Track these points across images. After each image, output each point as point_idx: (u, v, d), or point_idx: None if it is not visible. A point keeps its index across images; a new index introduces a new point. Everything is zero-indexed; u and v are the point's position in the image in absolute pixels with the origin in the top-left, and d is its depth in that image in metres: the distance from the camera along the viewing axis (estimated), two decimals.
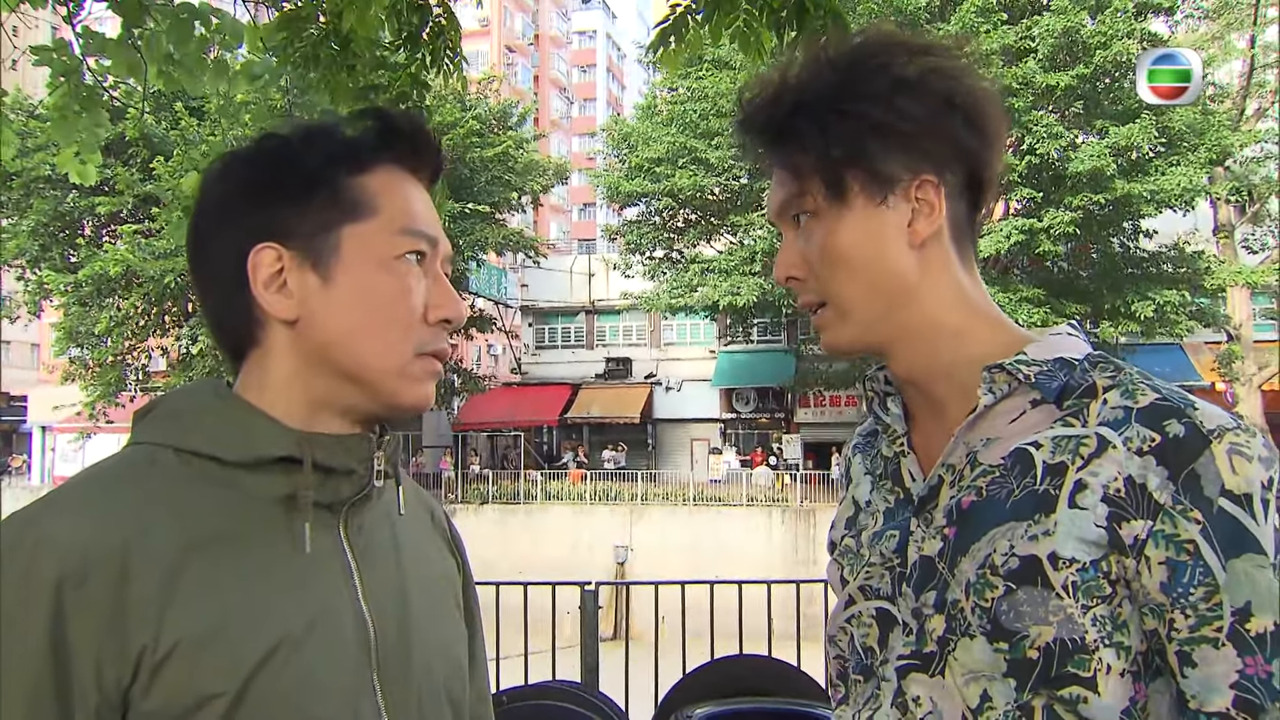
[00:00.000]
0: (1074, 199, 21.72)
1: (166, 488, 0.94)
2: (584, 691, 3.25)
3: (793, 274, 1.07)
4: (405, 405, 1.03)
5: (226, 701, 0.88)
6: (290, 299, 0.99)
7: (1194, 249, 24.44)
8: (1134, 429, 0.89)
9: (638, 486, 27.76)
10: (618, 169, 28.23)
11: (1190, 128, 22.09)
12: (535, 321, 35.99)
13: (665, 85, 28.44)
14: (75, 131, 3.71)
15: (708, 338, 33.02)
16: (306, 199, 1.00)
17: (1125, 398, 0.92)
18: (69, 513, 0.90)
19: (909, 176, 1.01)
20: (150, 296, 24.91)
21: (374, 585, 1.01)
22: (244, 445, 0.96)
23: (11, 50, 4.19)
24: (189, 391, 1.05)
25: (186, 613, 0.88)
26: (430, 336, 1.03)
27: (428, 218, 1.05)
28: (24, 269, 27.55)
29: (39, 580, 0.85)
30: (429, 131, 1.08)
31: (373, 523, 1.04)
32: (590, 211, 59.08)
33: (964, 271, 1.05)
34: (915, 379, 1.07)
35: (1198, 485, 0.85)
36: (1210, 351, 26.65)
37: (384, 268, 1.00)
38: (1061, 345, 1.00)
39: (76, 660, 0.85)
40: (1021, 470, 0.94)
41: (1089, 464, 0.90)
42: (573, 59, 62.99)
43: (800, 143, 1.02)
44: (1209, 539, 0.84)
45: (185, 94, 3.86)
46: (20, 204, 26.60)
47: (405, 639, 1.02)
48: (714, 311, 26.89)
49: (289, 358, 1.01)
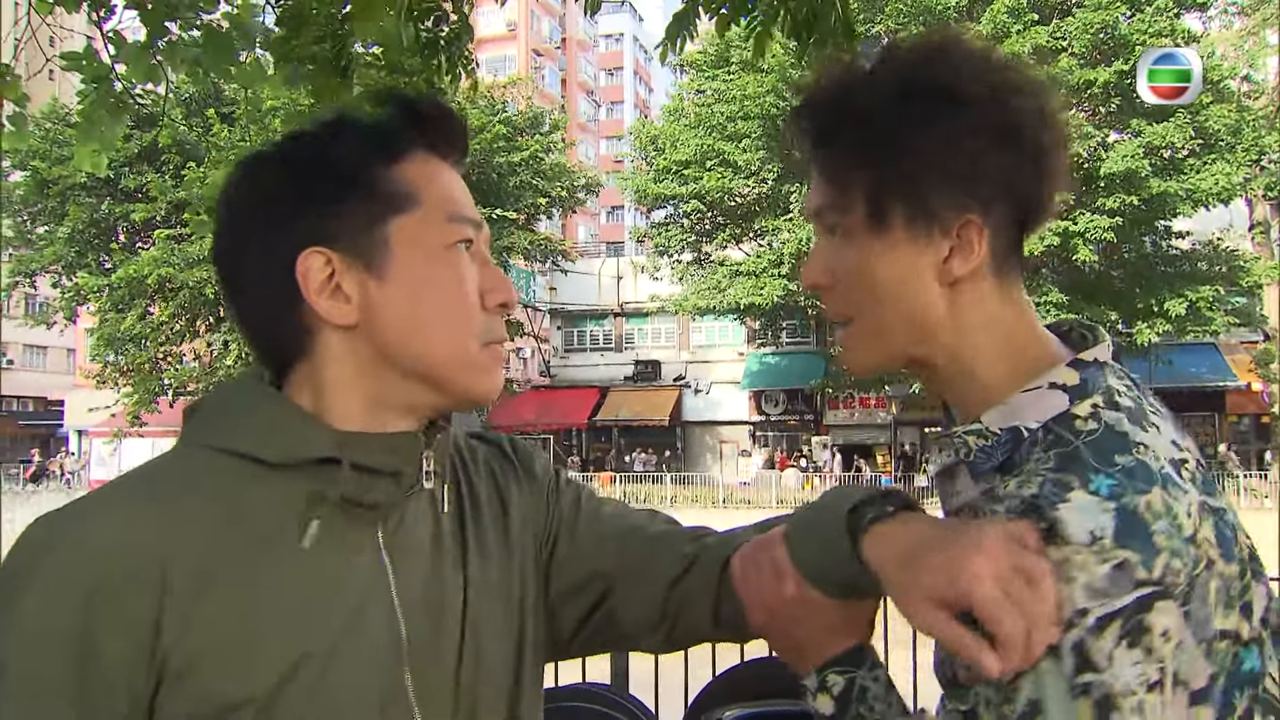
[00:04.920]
0: (1107, 200, 21.52)
1: (208, 491, 0.92)
2: (614, 694, 3.25)
3: (820, 282, 1.05)
4: (477, 396, 1.01)
5: (255, 709, 0.87)
6: (348, 303, 0.95)
7: (1229, 246, 24.13)
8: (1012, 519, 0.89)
9: (667, 489, 27.72)
10: (645, 172, 28.27)
11: (1226, 125, 21.81)
12: (564, 325, 36.07)
13: (692, 88, 28.47)
14: (96, 130, 3.76)
15: (736, 340, 32.98)
16: (343, 196, 0.96)
17: (1020, 486, 0.89)
18: (109, 515, 0.89)
19: (954, 215, 0.97)
20: (183, 302, 25.21)
21: (407, 585, 0.98)
22: (285, 446, 0.94)
23: (44, 61, 4.25)
24: (234, 390, 1.02)
25: (215, 620, 0.87)
26: (490, 324, 1.01)
27: (468, 202, 1.02)
28: (60, 275, 27.97)
29: (73, 583, 0.84)
30: (454, 112, 1.04)
31: (413, 518, 1.01)
32: (618, 214, 59.13)
33: (999, 296, 1.00)
34: (947, 400, 1.07)
35: None
36: (1246, 351, 26.30)
37: (437, 259, 0.97)
38: (1031, 407, 0.95)
39: (104, 665, 0.84)
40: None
41: None
42: (600, 62, 63.07)
43: (851, 161, 0.99)
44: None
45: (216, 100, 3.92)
46: (57, 211, 27.03)
47: (443, 636, 0.99)
48: (743, 314, 26.84)
49: (346, 362, 0.97)
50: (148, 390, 26.55)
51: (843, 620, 0.98)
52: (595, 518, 1.18)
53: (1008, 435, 0.95)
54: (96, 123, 3.75)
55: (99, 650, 0.84)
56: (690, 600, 1.11)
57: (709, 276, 27.30)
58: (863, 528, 0.91)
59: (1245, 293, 24.61)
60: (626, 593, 1.12)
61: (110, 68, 3.76)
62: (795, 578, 0.98)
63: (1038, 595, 0.80)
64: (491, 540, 1.09)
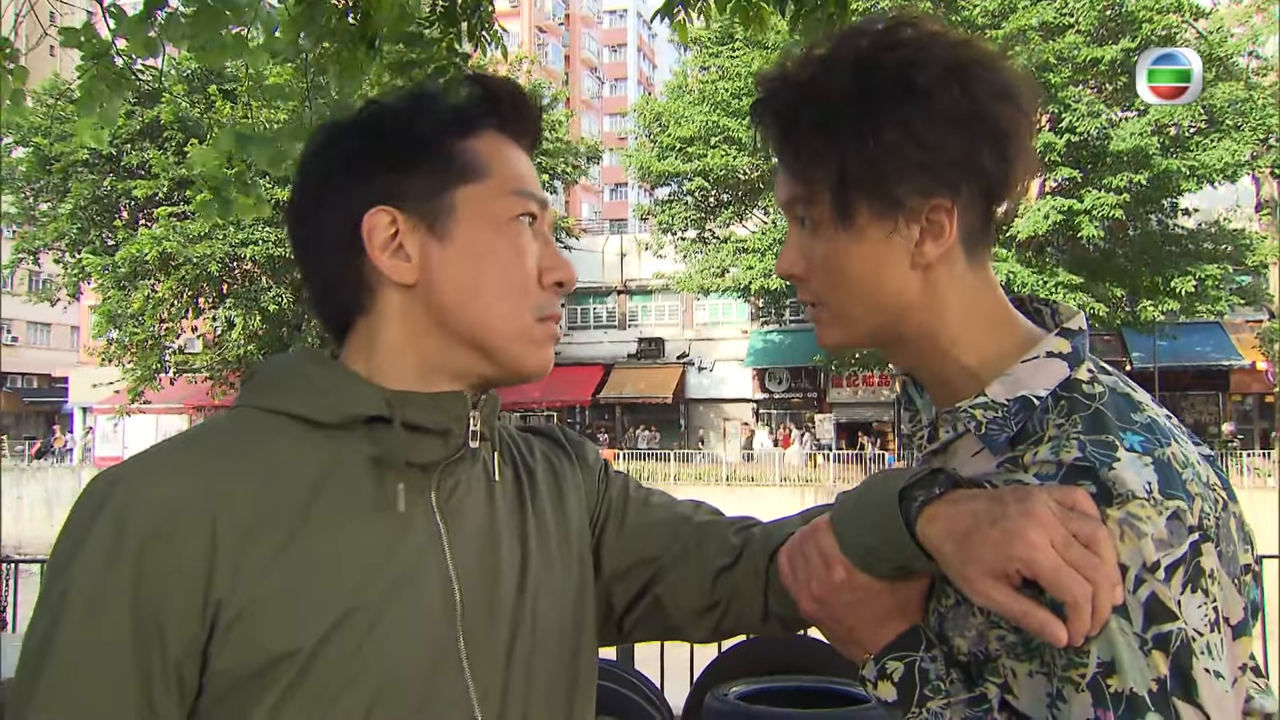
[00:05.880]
0: (1114, 179, 21.41)
1: (259, 450, 0.95)
2: (620, 669, 3.26)
3: (793, 271, 1.06)
4: (529, 370, 1.03)
5: (300, 661, 0.89)
6: (409, 262, 0.99)
7: (1235, 225, 24.04)
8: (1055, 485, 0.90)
9: (670, 466, 27.78)
10: (649, 148, 28.15)
11: (1233, 103, 21.68)
12: (567, 302, 35.95)
13: (696, 64, 28.31)
14: (96, 105, 3.75)
15: (740, 317, 32.95)
16: (416, 163, 1.00)
17: (1054, 452, 0.91)
18: (163, 473, 0.92)
19: (922, 201, 0.97)
20: (186, 279, 25.19)
21: (461, 547, 0.99)
22: (334, 406, 0.97)
23: (41, 35, 4.23)
24: (287, 358, 1.05)
25: (264, 573, 0.89)
26: (546, 300, 1.03)
27: (535, 180, 1.05)
28: (63, 252, 27.97)
29: (128, 537, 0.87)
30: (528, 97, 1.07)
31: (467, 485, 1.03)
32: (622, 192, 59.00)
33: (972, 275, 1.02)
34: (920, 379, 1.09)
35: None
36: (1251, 330, 26.25)
37: (500, 229, 1.00)
38: (1037, 375, 0.97)
39: (160, 616, 0.87)
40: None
41: None
42: (603, 38, 62.80)
43: (813, 156, 0.99)
44: None
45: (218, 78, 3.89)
46: (59, 188, 26.98)
47: (497, 604, 1.00)
48: (746, 293, 26.81)
49: (402, 322, 1.00)
50: (148, 367, 26.59)
51: (895, 604, 0.98)
52: (644, 505, 1.20)
53: (1017, 404, 0.96)
54: (97, 98, 3.73)
55: (153, 596, 0.87)
56: (738, 592, 1.13)
57: (713, 254, 27.24)
58: (915, 510, 0.91)
59: (1251, 271, 24.52)
60: (674, 579, 1.15)
61: (110, 43, 3.74)
62: (845, 565, 0.97)
63: (1098, 558, 0.82)
64: (550, 518, 1.11)
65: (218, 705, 0.89)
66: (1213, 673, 0.84)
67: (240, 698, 0.89)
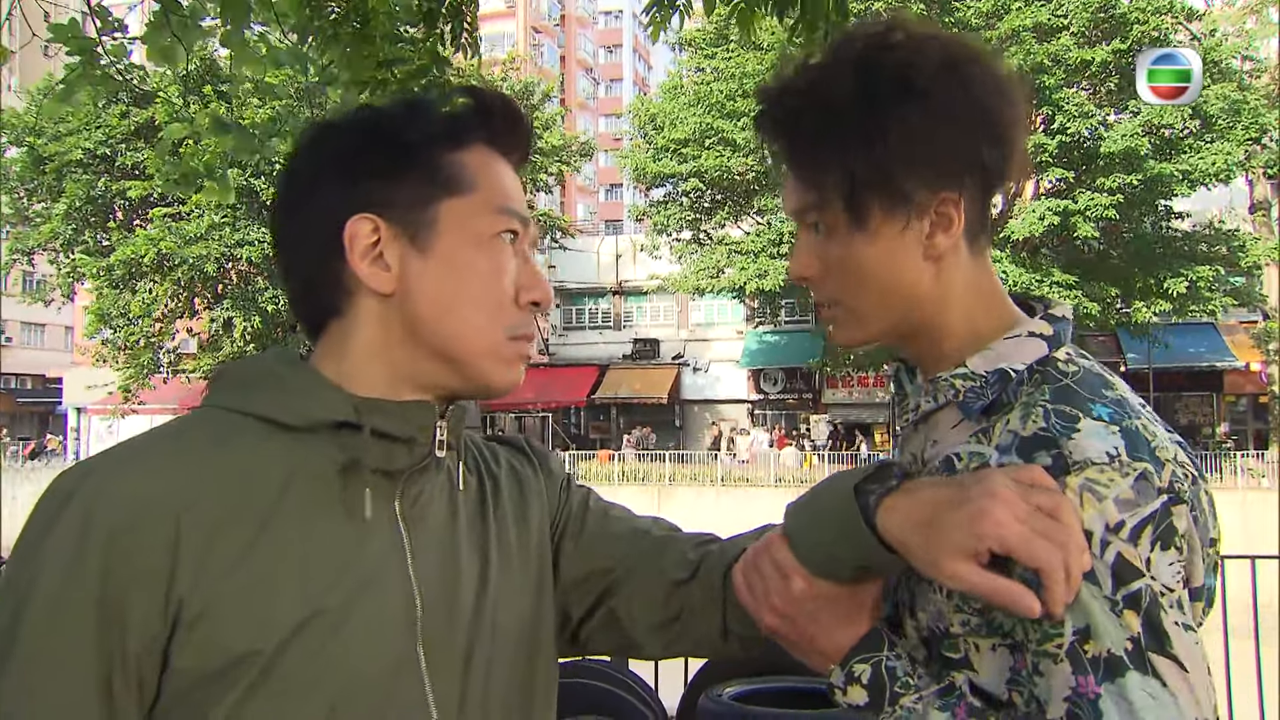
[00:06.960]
0: (1107, 180, 21.45)
1: (225, 450, 0.94)
2: (614, 670, 3.26)
3: (808, 274, 1.08)
4: (495, 387, 1.03)
5: (262, 662, 0.89)
6: (388, 271, 0.99)
7: (1229, 227, 24.08)
8: (1012, 456, 0.94)
9: (665, 467, 27.78)
10: (644, 149, 28.16)
11: (1227, 105, 21.72)
12: (563, 303, 36.03)
13: (691, 66, 28.32)
14: (71, 97, 3.76)
15: (735, 318, 32.96)
16: (403, 172, 1.00)
17: (1019, 422, 0.95)
18: (130, 469, 0.92)
19: (930, 196, 1.00)
20: (181, 280, 25.14)
21: (423, 555, 0.99)
22: (303, 410, 0.96)
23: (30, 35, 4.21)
24: (257, 359, 1.05)
25: (228, 573, 0.89)
26: (520, 319, 1.03)
27: (520, 198, 1.05)
28: (57, 253, 27.90)
29: (96, 528, 0.87)
30: (521, 113, 1.08)
31: (430, 493, 1.03)
32: (617, 193, 58.93)
33: (974, 264, 1.06)
34: (920, 364, 1.12)
35: None
36: (1245, 331, 26.31)
37: (480, 245, 1.01)
38: (1016, 351, 1.01)
39: (123, 609, 0.87)
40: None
41: None
42: (599, 39, 62.72)
43: (822, 163, 1.02)
44: None
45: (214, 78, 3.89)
46: (54, 188, 26.91)
47: (457, 612, 1.00)
48: (741, 293, 26.82)
49: (374, 329, 1.00)
50: (141, 367, 26.53)
51: (854, 607, 1.00)
52: (603, 516, 1.21)
53: (995, 376, 1.00)
54: (75, 91, 3.72)
55: (119, 589, 0.87)
56: (695, 609, 1.13)
57: (708, 255, 27.24)
58: (873, 504, 0.92)
59: (1244, 273, 24.57)
60: (629, 590, 1.15)
61: (97, 41, 3.72)
62: (803, 574, 0.99)
63: (1063, 525, 0.84)
64: (512, 528, 1.11)
65: (178, 705, 0.89)
66: (1182, 625, 0.87)
67: (201, 697, 0.88)
